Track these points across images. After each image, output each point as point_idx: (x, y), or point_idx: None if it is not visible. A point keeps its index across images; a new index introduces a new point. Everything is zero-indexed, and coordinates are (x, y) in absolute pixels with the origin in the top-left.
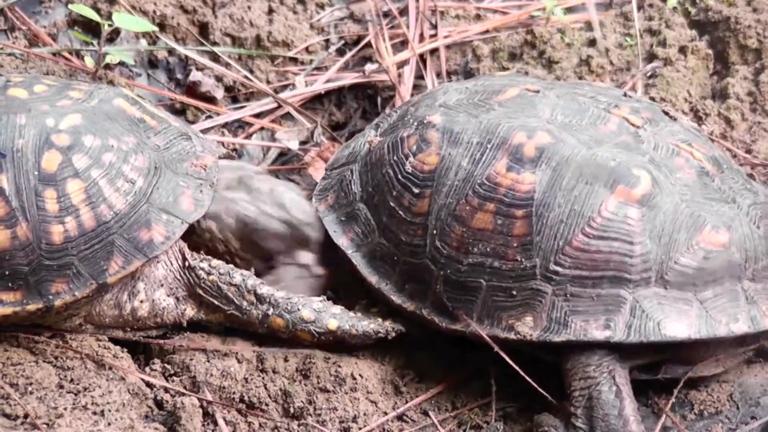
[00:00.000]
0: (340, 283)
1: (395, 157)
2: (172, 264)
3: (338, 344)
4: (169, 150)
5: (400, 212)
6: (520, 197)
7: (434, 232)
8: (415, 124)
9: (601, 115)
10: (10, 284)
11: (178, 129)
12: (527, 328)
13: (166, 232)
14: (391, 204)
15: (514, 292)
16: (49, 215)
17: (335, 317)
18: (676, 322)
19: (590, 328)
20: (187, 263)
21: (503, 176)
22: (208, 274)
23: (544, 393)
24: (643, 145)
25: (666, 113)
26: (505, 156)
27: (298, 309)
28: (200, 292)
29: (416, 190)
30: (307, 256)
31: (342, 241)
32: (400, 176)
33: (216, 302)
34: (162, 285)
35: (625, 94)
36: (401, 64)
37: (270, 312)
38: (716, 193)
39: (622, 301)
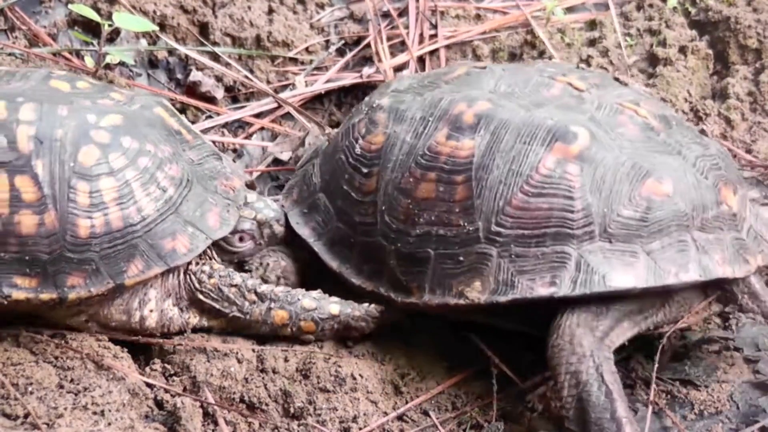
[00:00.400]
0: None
1: (347, 143)
2: (179, 274)
3: (340, 339)
4: (202, 166)
5: (353, 194)
6: (459, 163)
7: (383, 207)
8: (366, 109)
9: (545, 82)
10: (27, 270)
11: (211, 148)
12: (476, 292)
13: (189, 244)
14: (344, 187)
15: (461, 258)
16: (79, 208)
17: (336, 303)
18: (623, 273)
19: (536, 285)
20: (189, 268)
21: (443, 145)
22: (209, 277)
23: (514, 376)
24: (585, 105)
25: (617, 80)
26: (445, 126)
27: (299, 299)
28: (201, 297)
29: (365, 170)
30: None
31: (304, 231)
32: (350, 159)
33: (217, 306)
34: (170, 294)
35: (578, 67)
36: (400, 67)
37: (272, 306)
38: (661, 147)
39: (567, 258)
